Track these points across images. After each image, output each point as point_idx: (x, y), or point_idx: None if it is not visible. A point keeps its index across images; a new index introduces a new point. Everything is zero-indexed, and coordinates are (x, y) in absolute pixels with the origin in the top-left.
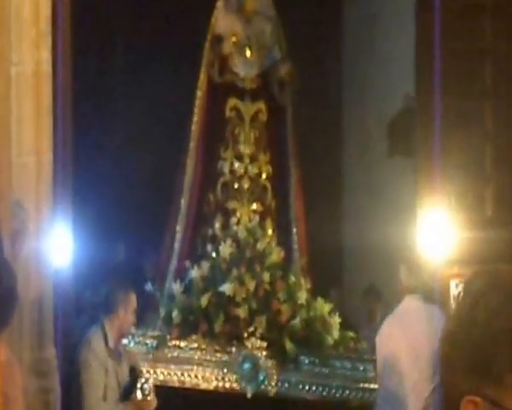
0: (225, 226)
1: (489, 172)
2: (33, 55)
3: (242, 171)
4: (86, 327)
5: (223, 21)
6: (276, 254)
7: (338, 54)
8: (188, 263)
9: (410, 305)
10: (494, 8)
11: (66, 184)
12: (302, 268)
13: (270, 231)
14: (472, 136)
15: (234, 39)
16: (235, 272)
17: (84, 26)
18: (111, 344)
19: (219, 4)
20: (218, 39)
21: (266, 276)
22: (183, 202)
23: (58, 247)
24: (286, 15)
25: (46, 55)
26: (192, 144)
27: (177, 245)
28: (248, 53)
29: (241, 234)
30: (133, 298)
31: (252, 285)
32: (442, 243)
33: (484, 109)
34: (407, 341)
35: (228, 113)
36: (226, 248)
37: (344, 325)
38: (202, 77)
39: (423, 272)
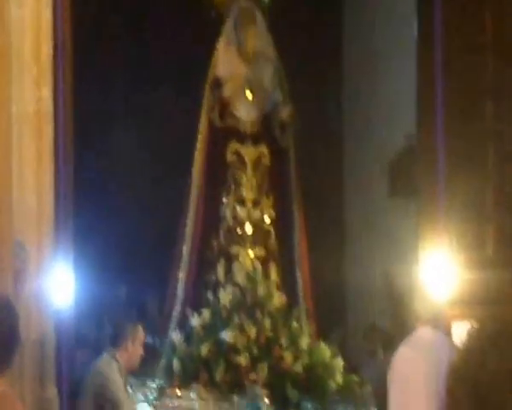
0: (228, 272)
1: (490, 212)
2: (34, 94)
3: (245, 215)
4: (88, 363)
5: (223, 64)
6: (278, 300)
7: (338, 93)
8: (189, 311)
9: (425, 334)
10: (495, 47)
11: (67, 224)
12: (306, 311)
13: (273, 276)
14: (473, 176)
15: (234, 82)
16: (235, 319)
17: (86, 67)
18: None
19: (219, 46)
20: (218, 82)
21: (267, 322)
22: (186, 248)
23: (59, 286)
24: (285, 55)
25: (47, 93)
26: (193, 189)
27: (179, 292)
28: (249, 96)
29: (241, 280)
30: (141, 331)
31: (253, 332)
32: (443, 284)
33: (485, 149)
34: (426, 368)
35: (229, 157)
36: (226, 296)
37: (347, 368)
38: (203, 121)
39: (433, 303)
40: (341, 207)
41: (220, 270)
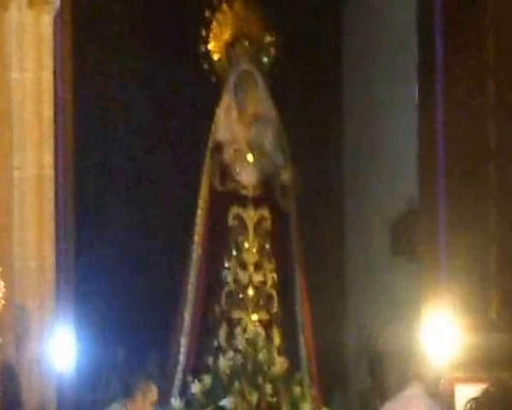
0: (230, 337)
1: (493, 274)
2: (36, 159)
3: (247, 280)
4: None
5: (223, 128)
6: (279, 365)
7: (338, 155)
8: (190, 378)
9: (413, 391)
10: (497, 108)
11: (68, 289)
12: (309, 375)
13: (276, 340)
14: (476, 237)
15: (235, 147)
16: (236, 385)
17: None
18: None
19: (220, 111)
20: (219, 147)
21: (268, 388)
22: (187, 313)
23: (60, 350)
24: (286, 117)
25: (49, 158)
26: (195, 254)
27: (181, 358)
28: (250, 159)
29: (242, 345)
30: (153, 389)
31: (254, 399)
32: (446, 346)
33: (488, 211)
34: None
35: (230, 221)
36: (226, 362)
37: None
38: (204, 185)
39: (430, 365)
40: (343, 268)
41: (222, 335)
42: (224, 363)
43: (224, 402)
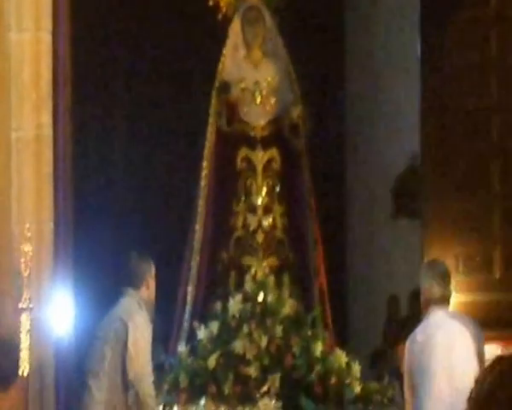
0: (240, 285)
1: (497, 233)
2: (34, 120)
3: (256, 224)
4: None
5: (230, 68)
6: (289, 308)
7: (341, 112)
8: (196, 324)
9: (441, 318)
10: (499, 60)
11: (67, 253)
12: (324, 319)
13: (287, 285)
14: (479, 197)
15: (242, 85)
16: (245, 328)
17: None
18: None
19: (226, 50)
20: (225, 86)
21: (279, 330)
22: (194, 261)
23: (59, 316)
24: (295, 55)
25: (47, 119)
26: (201, 199)
27: (188, 307)
28: (258, 99)
29: (250, 288)
30: (153, 266)
31: (263, 342)
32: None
33: (491, 169)
34: (442, 355)
35: (239, 164)
36: (235, 305)
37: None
38: (210, 127)
39: (450, 281)
40: (344, 228)
41: (231, 283)
42: (232, 307)
43: (232, 346)
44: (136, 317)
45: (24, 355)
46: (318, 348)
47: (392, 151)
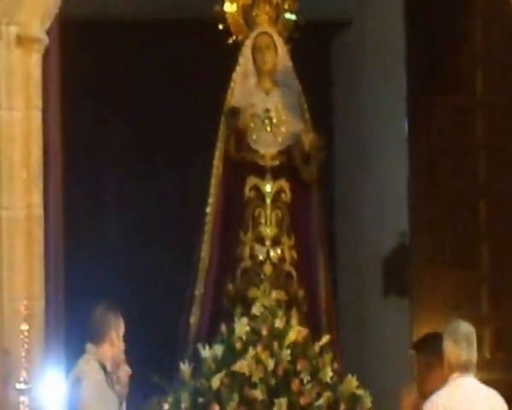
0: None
1: (486, 312)
2: (25, 199)
3: (264, 255)
4: None
5: (239, 94)
6: (297, 333)
7: (329, 190)
8: (200, 345)
9: (467, 388)
10: (488, 147)
11: (58, 331)
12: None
13: (294, 320)
14: (468, 275)
15: (252, 111)
16: (251, 351)
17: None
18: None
19: (235, 75)
20: (234, 112)
21: (286, 354)
22: (198, 292)
23: (51, 396)
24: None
25: (37, 198)
26: (207, 228)
27: (191, 338)
28: (268, 128)
29: (258, 311)
30: (122, 321)
31: (270, 364)
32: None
33: (479, 248)
34: None
35: (247, 193)
36: (242, 327)
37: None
38: (218, 153)
39: (475, 345)
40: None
41: (237, 315)
42: (239, 328)
43: (238, 367)
44: (91, 376)
45: None
46: (328, 374)
47: (380, 229)
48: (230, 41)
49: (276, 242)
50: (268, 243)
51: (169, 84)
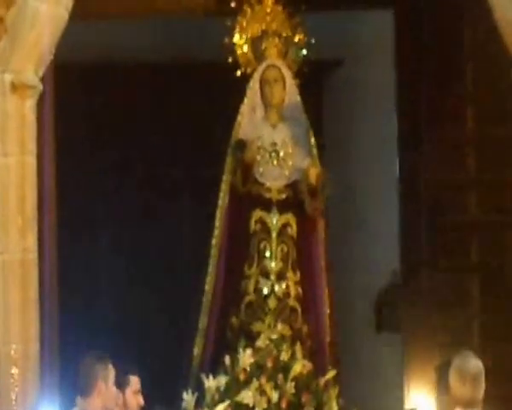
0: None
1: (476, 349)
2: (19, 244)
3: (269, 289)
4: None
5: (246, 126)
6: (302, 367)
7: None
8: (203, 375)
9: None
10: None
11: (52, 373)
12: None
13: (299, 354)
14: (458, 312)
15: (258, 144)
16: (255, 382)
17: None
18: None
19: (243, 108)
20: (241, 145)
21: (291, 386)
22: (201, 325)
23: None
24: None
25: (32, 243)
26: (212, 260)
27: (194, 370)
28: (275, 161)
29: (263, 343)
30: (112, 370)
31: (274, 396)
32: None
33: (471, 283)
34: None
35: (252, 226)
36: (246, 358)
37: None
38: (224, 186)
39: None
40: None
41: (241, 349)
42: (243, 360)
43: (242, 397)
44: None
45: None
46: (334, 409)
47: (372, 269)
48: (239, 74)
49: (281, 276)
50: (273, 277)
51: (168, 127)
